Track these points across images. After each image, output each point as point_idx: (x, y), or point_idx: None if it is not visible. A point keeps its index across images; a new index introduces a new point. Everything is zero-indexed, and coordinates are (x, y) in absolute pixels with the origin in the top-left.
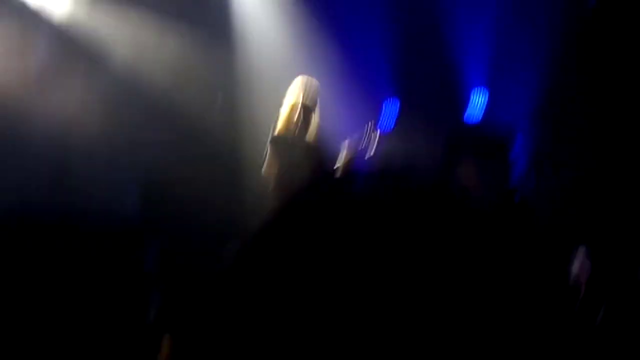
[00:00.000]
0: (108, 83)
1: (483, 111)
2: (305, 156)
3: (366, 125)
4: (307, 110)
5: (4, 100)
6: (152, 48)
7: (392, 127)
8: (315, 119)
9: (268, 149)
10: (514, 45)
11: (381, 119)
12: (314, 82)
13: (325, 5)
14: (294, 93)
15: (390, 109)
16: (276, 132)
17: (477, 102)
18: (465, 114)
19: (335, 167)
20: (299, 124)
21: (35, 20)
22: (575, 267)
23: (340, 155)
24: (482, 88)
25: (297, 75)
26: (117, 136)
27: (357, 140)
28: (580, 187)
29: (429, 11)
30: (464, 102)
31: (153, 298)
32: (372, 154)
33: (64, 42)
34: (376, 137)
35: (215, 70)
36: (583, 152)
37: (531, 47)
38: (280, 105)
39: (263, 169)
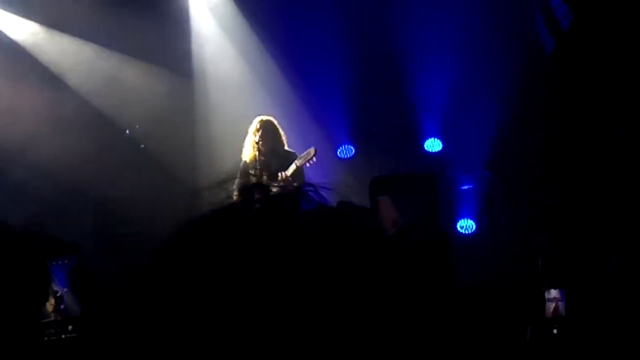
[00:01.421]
0: (65, 105)
1: (436, 158)
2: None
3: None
4: (266, 147)
5: None
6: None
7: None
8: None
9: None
10: (470, 95)
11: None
12: (270, 119)
13: (286, 47)
14: (253, 131)
15: (345, 155)
16: (242, 161)
17: (431, 151)
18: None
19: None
20: (261, 158)
21: None
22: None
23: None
24: (437, 138)
25: (256, 113)
26: (71, 155)
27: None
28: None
29: (388, 61)
30: (418, 151)
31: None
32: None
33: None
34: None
35: (175, 104)
36: (535, 198)
37: (487, 96)
38: (237, 142)
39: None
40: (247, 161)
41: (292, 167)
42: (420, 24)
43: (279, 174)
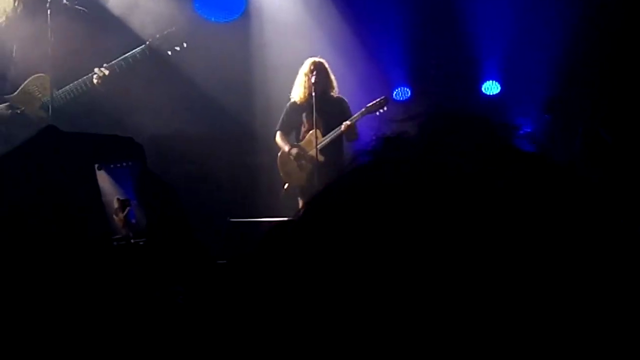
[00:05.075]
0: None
1: (494, 101)
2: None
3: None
4: (320, 89)
5: None
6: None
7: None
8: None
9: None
10: (528, 36)
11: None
12: (323, 62)
13: None
14: (301, 71)
15: (401, 97)
16: (291, 101)
17: (489, 94)
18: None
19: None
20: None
21: None
22: None
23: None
24: (495, 80)
25: (312, 53)
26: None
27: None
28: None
29: (445, 2)
30: (476, 94)
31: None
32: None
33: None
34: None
35: (232, 47)
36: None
37: (546, 38)
38: (292, 82)
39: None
40: (297, 102)
41: (358, 113)
42: None
43: (344, 123)
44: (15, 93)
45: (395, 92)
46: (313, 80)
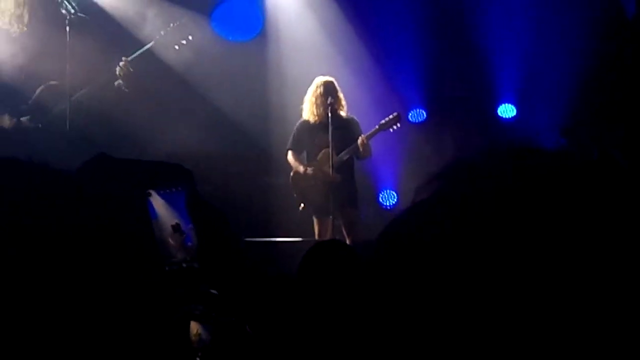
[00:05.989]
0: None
1: (510, 126)
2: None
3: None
4: (330, 105)
5: None
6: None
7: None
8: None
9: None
10: (547, 60)
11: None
12: (334, 81)
13: (359, 8)
14: (312, 90)
15: (417, 119)
16: (302, 120)
17: (504, 117)
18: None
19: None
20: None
21: None
22: None
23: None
24: (511, 104)
25: (328, 74)
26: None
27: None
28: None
29: (462, 25)
30: (491, 117)
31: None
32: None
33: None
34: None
35: (248, 66)
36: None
37: (562, 62)
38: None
39: (289, 158)
40: (310, 121)
41: (373, 130)
42: None
43: (360, 138)
44: (30, 103)
45: (410, 114)
46: (329, 100)
